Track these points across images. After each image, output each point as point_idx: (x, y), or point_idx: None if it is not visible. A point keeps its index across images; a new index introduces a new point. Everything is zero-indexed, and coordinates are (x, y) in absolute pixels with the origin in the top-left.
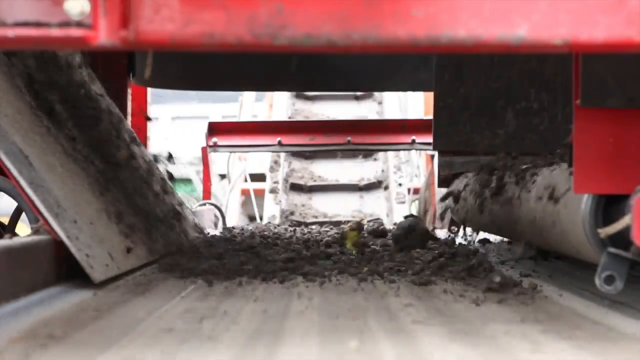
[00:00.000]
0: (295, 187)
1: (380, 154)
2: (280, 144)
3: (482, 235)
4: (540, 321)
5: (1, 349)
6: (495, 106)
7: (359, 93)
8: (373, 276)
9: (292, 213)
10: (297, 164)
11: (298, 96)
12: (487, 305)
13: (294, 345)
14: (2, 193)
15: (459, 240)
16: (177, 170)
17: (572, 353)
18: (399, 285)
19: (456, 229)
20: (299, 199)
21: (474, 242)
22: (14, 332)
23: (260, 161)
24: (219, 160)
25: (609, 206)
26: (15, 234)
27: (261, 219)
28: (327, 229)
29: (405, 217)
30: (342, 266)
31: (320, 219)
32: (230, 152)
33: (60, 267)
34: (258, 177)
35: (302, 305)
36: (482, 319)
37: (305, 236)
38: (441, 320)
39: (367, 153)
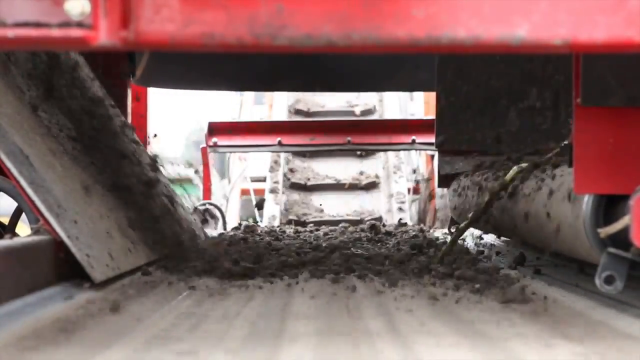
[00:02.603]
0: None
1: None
2: (280, 144)
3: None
4: (538, 320)
5: (1, 349)
6: (498, 105)
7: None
8: None
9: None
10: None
11: (296, 112)
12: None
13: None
14: (2, 193)
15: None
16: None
17: (570, 352)
18: None
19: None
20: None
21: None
22: (14, 331)
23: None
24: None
25: (610, 206)
26: (15, 234)
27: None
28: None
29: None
30: None
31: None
32: (230, 152)
33: (60, 267)
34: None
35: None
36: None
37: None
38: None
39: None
